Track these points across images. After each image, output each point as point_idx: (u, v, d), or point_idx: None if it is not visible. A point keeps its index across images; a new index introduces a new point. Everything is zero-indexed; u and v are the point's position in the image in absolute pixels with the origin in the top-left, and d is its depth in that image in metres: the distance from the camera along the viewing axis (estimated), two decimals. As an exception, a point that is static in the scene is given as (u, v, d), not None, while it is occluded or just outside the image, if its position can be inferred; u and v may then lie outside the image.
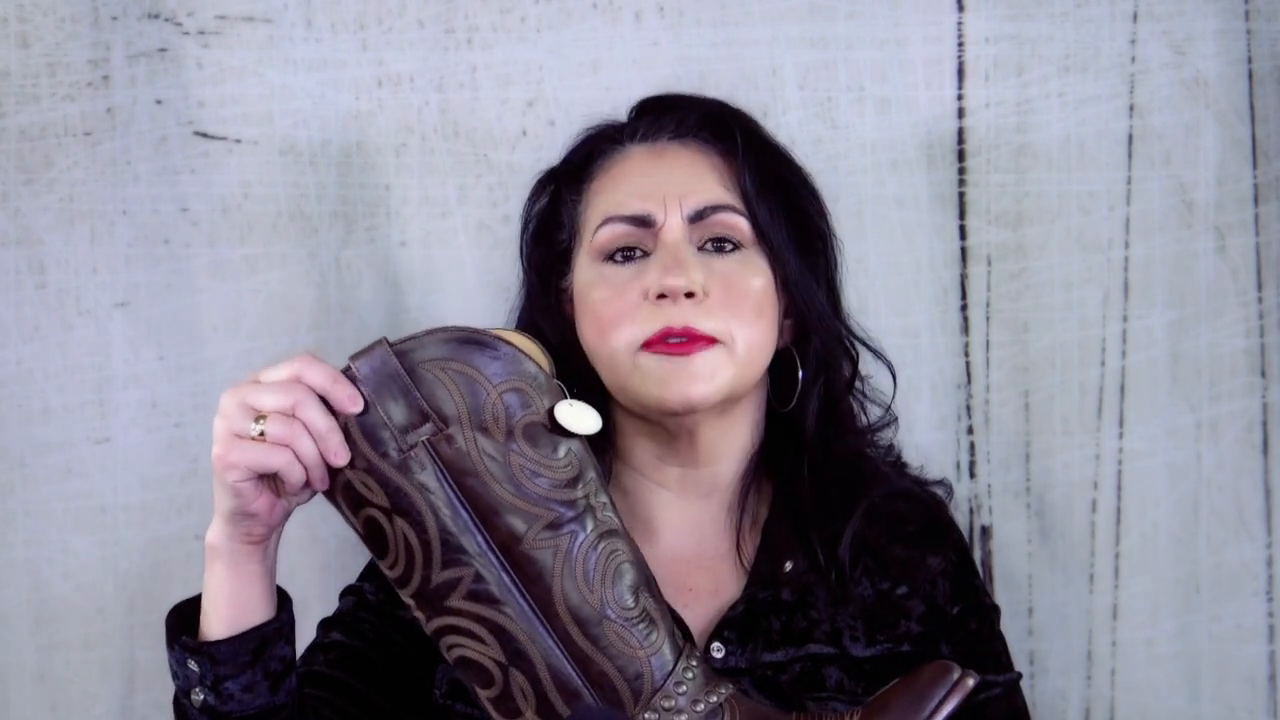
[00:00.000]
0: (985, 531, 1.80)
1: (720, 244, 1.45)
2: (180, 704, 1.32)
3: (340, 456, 1.25)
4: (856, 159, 1.77)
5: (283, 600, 1.34)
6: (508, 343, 1.27)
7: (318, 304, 1.76)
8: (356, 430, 1.26)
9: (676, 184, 1.45)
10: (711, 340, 1.40)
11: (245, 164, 1.75)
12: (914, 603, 1.47)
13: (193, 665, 1.30)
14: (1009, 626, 1.59)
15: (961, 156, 1.78)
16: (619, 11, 1.76)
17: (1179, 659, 1.80)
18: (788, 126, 1.75)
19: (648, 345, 1.41)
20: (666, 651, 1.28)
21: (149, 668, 1.77)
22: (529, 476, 1.26)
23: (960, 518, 1.78)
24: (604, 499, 1.30)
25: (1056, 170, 1.78)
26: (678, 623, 1.42)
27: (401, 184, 1.76)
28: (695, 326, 1.40)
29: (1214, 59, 1.77)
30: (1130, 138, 1.78)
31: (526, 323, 1.53)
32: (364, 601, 1.48)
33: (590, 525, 1.27)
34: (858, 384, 1.55)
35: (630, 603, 1.28)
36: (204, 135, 1.75)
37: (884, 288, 1.77)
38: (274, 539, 1.33)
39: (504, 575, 1.26)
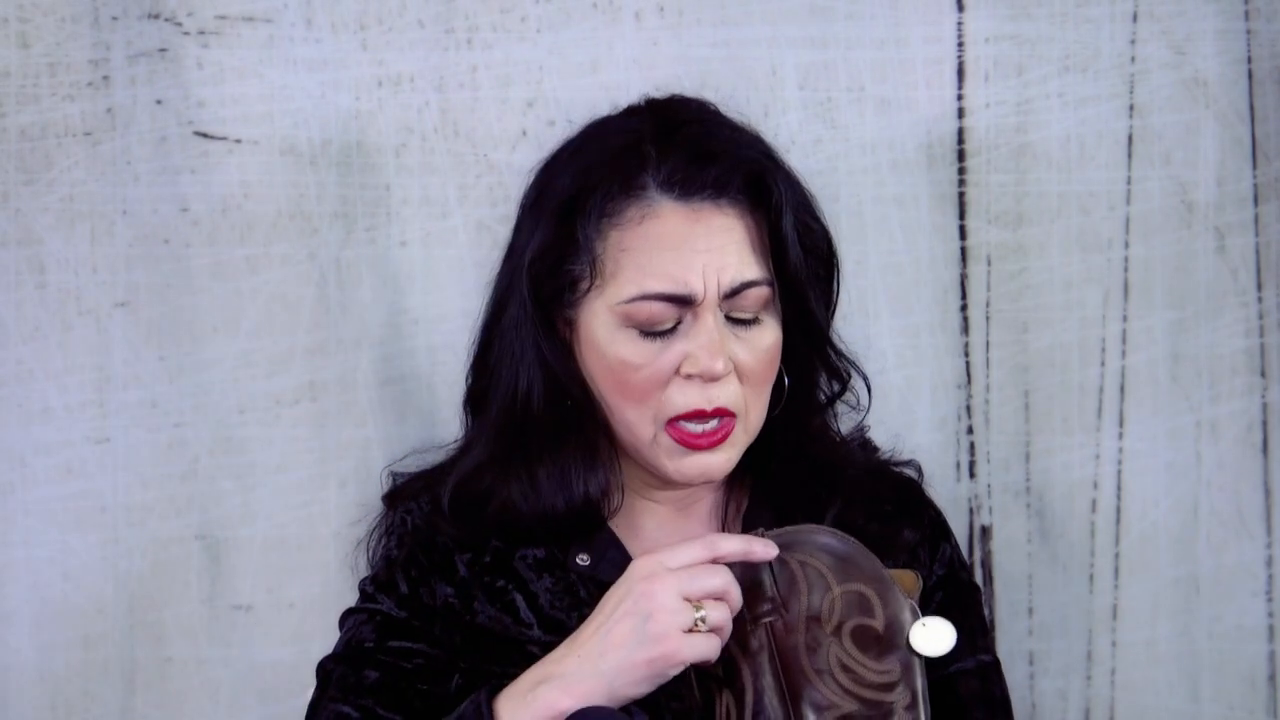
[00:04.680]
0: (985, 531, 1.80)
1: (744, 314, 1.44)
2: None
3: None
4: (856, 159, 1.77)
5: None
6: (867, 552, 1.34)
7: (318, 304, 1.76)
8: None
9: (715, 256, 1.41)
10: (733, 417, 1.42)
11: (245, 164, 1.75)
12: None
13: None
14: (1009, 626, 1.59)
15: (961, 156, 1.78)
16: (619, 11, 1.76)
17: (1179, 659, 1.80)
18: (788, 126, 1.75)
19: (673, 424, 1.41)
20: None
21: (149, 668, 1.77)
22: (844, 671, 1.31)
23: (960, 517, 1.78)
24: (917, 714, 1.32)
25: (1056, 170, 1.78)
26: None
27: (401, 184, 1.76)
28: (724, 404, 1.41)
29: (1214, 59, 1.77)
30: (1130, 138, 1.78)
31: (513, 339, 1.47)
32: (391, 620, 1.48)
33: None
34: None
35: None
36: (204, 135, 1.75)
37: (884, 288, 1.77)
38: None
39: None
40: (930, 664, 1.47)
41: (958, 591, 1.51)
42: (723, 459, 1.43)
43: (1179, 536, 1.80)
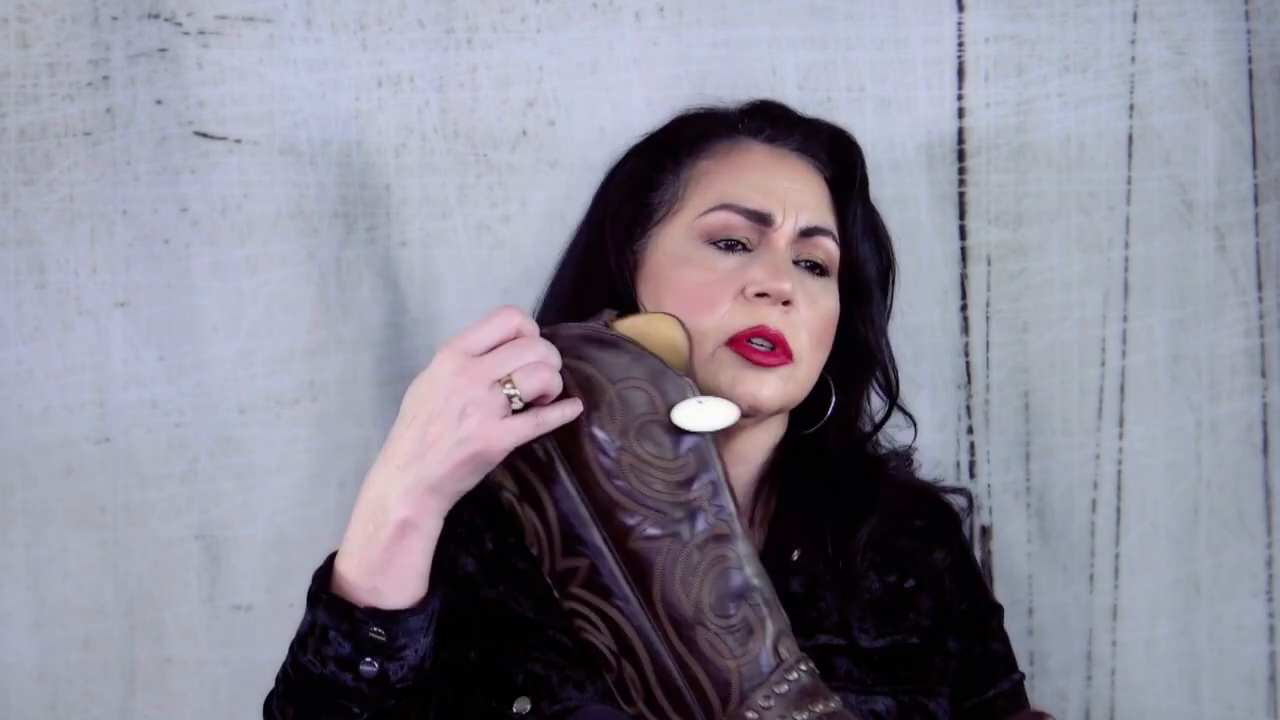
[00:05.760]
0: (985, 531, 1.80)
1: (812, 266, 1.47)
2: (320, 680, 1.30)
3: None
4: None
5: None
6: (632, 341, 1.29)
7: (318, 304, 1.76)
8: None
9: (795, 194, 1.46)
10: (789, 356, 1.42)
11: (245, 164, 1.75)
12: (922, 596, 1.48)
13: (378, 634, 1.29)
14: (1009, 626, 1.59)
15: (961, 156, 1.78)
16: (619, 11, 1.76)
17: (1179, 659, 1.80)
18: (788, 126, 1.75)
19: (734, 340, 1.42)
20: (762, 662, 1.28)
21: (149, 668, 1.77)
22: (639, 475, 1.29)
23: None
24: (720, 502, 1.30)
25: (1056, 170, 1.78)
26: None
27: (401, 184, 1.76)
28: (786, 336, 1.42)
29: (1214, 59, 1.77)
30: (1130, 138, 1.78)
31: (578, 276, 1.52)
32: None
33: (698, 527, 1.29)
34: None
35: (730, 610, 1.29)
36: (204, 135, 1.75)
37: (884, 288, 1.77)
38: None
39: (616, 569, 1.29)
40: (973, 690, 1.48)
41: (988, 616, 1.54)
42: (773, 388, 1.42)
43: (1179, 536, 1.80)
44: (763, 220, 1.44)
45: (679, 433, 1.29)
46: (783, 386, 1.43)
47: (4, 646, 1.77)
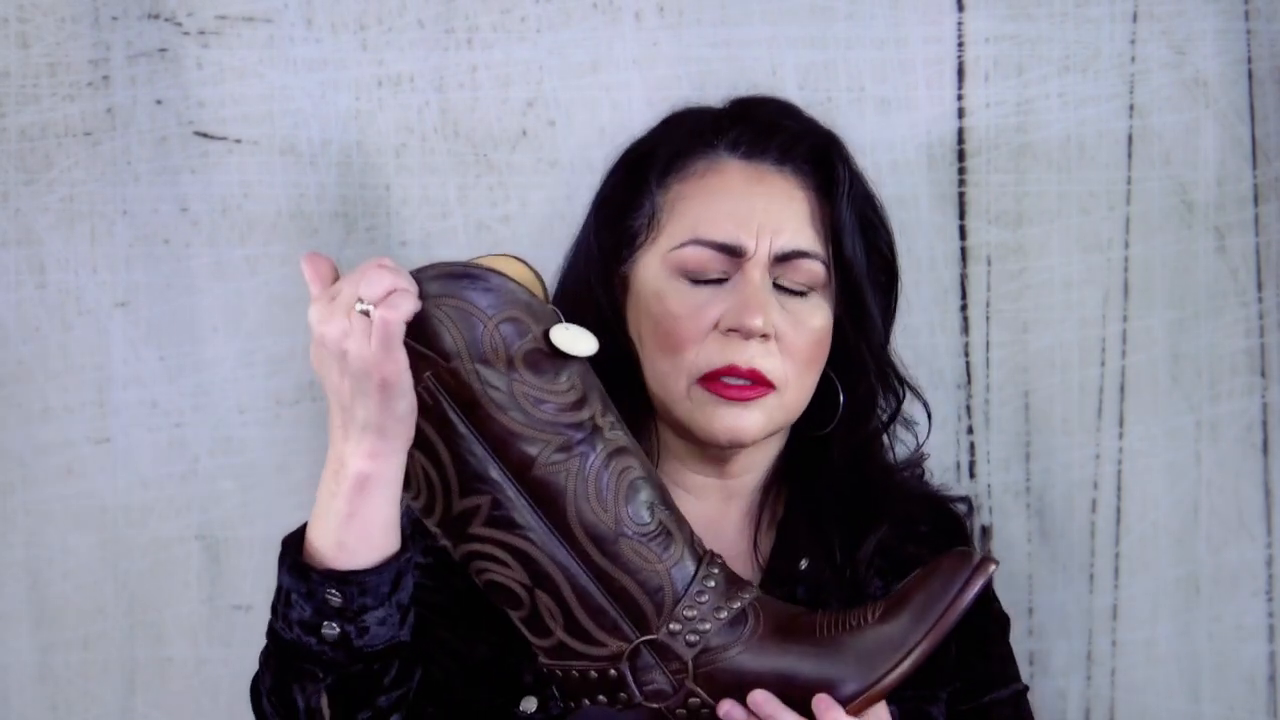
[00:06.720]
0: (985, 531, 1.80)
1: (793, 285, 1.45)
2: (289, 646, 1.31)
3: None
4: (856, 159, 1.77)
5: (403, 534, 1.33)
6: (497, 272, 1.29)
7: (318, 304, 1.76)
8: None
9: (772, 217, 1.44)
10: (770, 386, 1.42)
11: (245, 164, 1.75)
12: None
13: (334, 596, 1.29)
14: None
15: (961, 156, 1.78)
16: (619, 11, 1.76)
17: (1179, 659, 1.80)
18: (788, 126, 1.75)
19: (706, 379, 1.41)
20: (687, 562, 1.30)
21: (149, 668, 1.77)
22: (534, 403, 1.28)
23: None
24: (611, 418, 1.31)
25: (1056, 170, 1.78)
26: None
27: (401, 184, 1.76)
28: (761, 369, 1.41)
29: (1214, 59, 1.77)
30: (1130, 138, 1.78)
31: (572, 287, 1.50)
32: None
33: (600, 445, 1.29)
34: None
35: (646, 518, 1.30)
36: (204, 135, 1.75)
37: (884, 288, 1.77)
38: None
39: (521, 500, 1.29)
40: (967, 694, 1.48)
41: (988, 625, 1.53)
42: (753, 420, 1.42)
43: (1179, 536, 1.80)
44: (734, 253, 1.42)
45: (560, 357, 1.29)
46: (765, 416, 1.43)
47: (4, 646, 1.77)
